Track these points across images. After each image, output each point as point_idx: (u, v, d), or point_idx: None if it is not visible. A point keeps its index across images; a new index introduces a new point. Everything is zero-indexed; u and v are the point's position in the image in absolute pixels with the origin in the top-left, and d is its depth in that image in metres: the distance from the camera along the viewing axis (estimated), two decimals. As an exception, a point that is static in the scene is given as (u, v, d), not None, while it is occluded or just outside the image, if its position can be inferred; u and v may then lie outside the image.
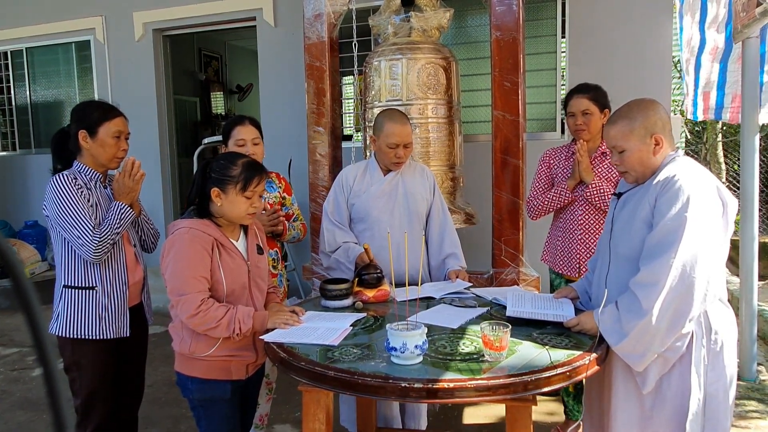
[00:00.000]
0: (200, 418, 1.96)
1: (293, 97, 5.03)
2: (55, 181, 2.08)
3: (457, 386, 1.47)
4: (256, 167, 1.94)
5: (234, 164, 1.90)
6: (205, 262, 1.84)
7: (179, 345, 1.93)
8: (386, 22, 3.36)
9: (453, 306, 2.13)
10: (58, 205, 2.04)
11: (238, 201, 1.89)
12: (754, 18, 2.94)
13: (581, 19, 4.32)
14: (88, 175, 2.17)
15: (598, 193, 2.52)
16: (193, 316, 1.79)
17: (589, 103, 2.59)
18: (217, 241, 1.89)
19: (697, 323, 1.69)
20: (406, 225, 2.50)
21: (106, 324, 2.15)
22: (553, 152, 2.79)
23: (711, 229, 1.66)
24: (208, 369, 1.90)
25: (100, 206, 2.15)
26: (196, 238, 1.85)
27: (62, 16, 5.99)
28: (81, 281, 2.14)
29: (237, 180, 1.87)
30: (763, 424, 2.79)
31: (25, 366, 4.00)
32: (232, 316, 1.82)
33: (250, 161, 1.95)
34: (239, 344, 1.91)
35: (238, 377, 1.94)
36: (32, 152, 6.57)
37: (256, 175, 1.91)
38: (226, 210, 1.91)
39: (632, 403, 1.77)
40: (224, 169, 1.89)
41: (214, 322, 1.80)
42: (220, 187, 1.88)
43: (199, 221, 1.90)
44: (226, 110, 8.90)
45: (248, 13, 5.29)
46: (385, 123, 2.45)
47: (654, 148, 1.76)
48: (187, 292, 1.80)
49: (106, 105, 2.23)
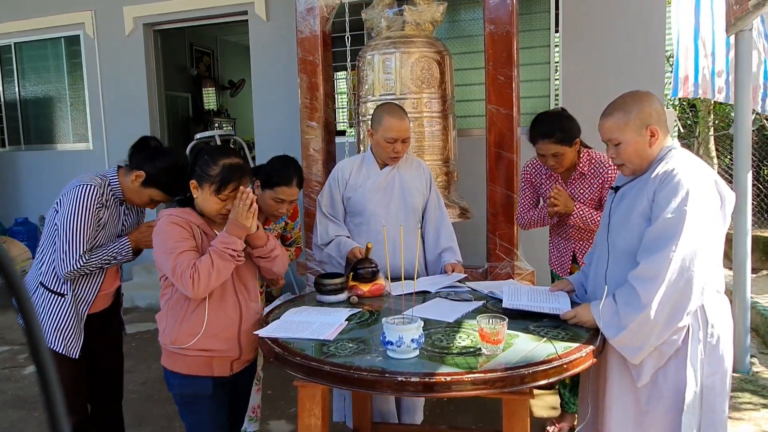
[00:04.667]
0: (184, 413, 1.96)
1: (286, 92, 4.99)
2: (81, 193, 2.04)
3: (454, 380, 1.46)
4: (235, 171, 1.86)
5: (215, 163, 1.85)
6: (189, 240, 1.83)
7: (162, 335, 1.92)
8: (379, 15, 3.34)
9: (449, 300, 2.12)
10: (69, 216, 2.03)
11: (210, 200, 1.86)
12: (747, 11, 2.95)
13: (575, 12, 4.31)
14: (115, 189, 2.14)
15: (581, 220, 2.50)
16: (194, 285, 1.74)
17: (558, 147, 2.44)
18: (200, 228, 1.88)
19: (693, 317, 1.69)
20: (402, 219, 2.48)
21: (61, 336, 2.12)
22: (533, 168, 2.72)
23: (710, 223, 1.66)
24: (189, 365, 1.88)
25: (108, 224, 2.13)
26: (176, 223, 1.84)
27: (51, 10, 5.92)
28: (54, 285, 2.12)
29: (213, 180, 1.84)
30: (756, 416, 2.81)
31: (16, 364, 3.96)
32: (217, 254, 1.78)
33: (233, 164, 1.87)
34: (222, 337, 1.88)
35: (221, 374, 1.91)
36: (22, 148, 6.50)
37: (233, 180, 1.85)
38: (200, 204, 1.89)
39: (628, 397, 1.77)
40: (205, 165, 1.86)
41: (213, 271, 1.76)
42: (198, 180, 1.87)
43: (179, 209, 1.90)
44: (218, 106, 8.85)
45: (239, 7, 5.25)
46: (384, 117, 2.42)
47: (650, 140, 1.76)
48: (181, 266, 1.76)
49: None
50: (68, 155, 6.18)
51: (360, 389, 1.59)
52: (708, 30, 4.79)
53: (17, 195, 6.41)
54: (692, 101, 7.37)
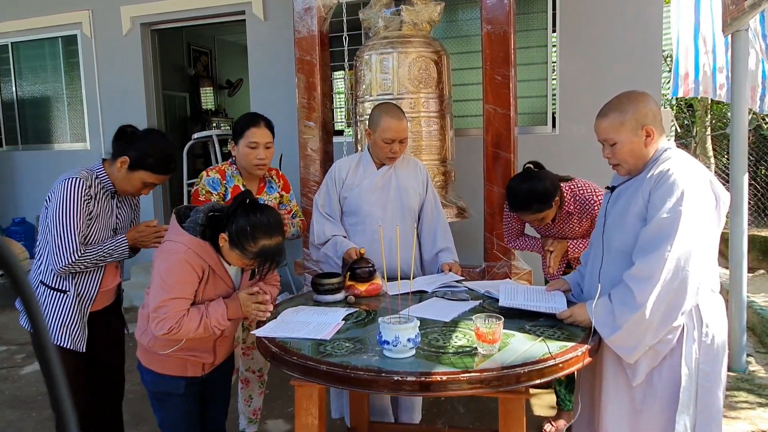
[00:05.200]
0: (155, 408, 2.01)
1: (284, 92, 4.99)
2: (69, 186, 2.03)
3: (450, 379, 1.47)
4: (272, 255, 1.80)
5: (254, 241, 1.76)
6: (194, 285, 1.82)
7: (140, 335, 1.94)
8: (377, 15, 3.35)
9: (445, 299, 2.13)
10: (60, 209, 2.02)
11: (236, 259, 1.83)
12: (744, 11, 2.95)
13: (572, 12, 4.32)
14: (103, 181, 2.13)
15: (577, 250, 2.50)
16: (168, 333, 1.77)
17: (538, 214, 2.39)
18: (211, 268, 1.84)
19: (688, 316, 1.69)
20: (398, 219, 2.48)
21: (67, 331, 2.13)
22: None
23: (705, 223, 1.67)
24: (163, 364, 1.92)
25: (99, 217, 2.12)
26: (192, 260, 1.79)
27: (48, 10, 5.91)
28: (55, 282, 2.12)
29: (248, 255, 1.78)
30: (752, 414, 2.82)
31: (14, 364, 3.96)
32: (207, 324, 1.80)
33: (270, 246, 1.78)
34: (198, 345, 1.90)
35: (194, 374, 1.95)
36: (19, 148, 6.49)
37: (266, 263, 1.82)
38: (224, 252, 1.84)
39: (623, 396, 1.78)
40: (242, 236, 1.76)
41: (191, 334, 1.80)
42: (230, 242, 1.79)
43: (199, 242, 1.82)
44: (215, 106, 8.84)
45: (237, 7, 5.24)
46: (382, 117, 2.42)
47: (645, 140, 1.77)
48: (168, 313, 1.76)
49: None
50: (65, 155, 6.17)
51: (356, 388, 1.59)
52: (708, 28, 4.82)
53: (14, 195, 6.40)
54: (689, 101, 7.39)
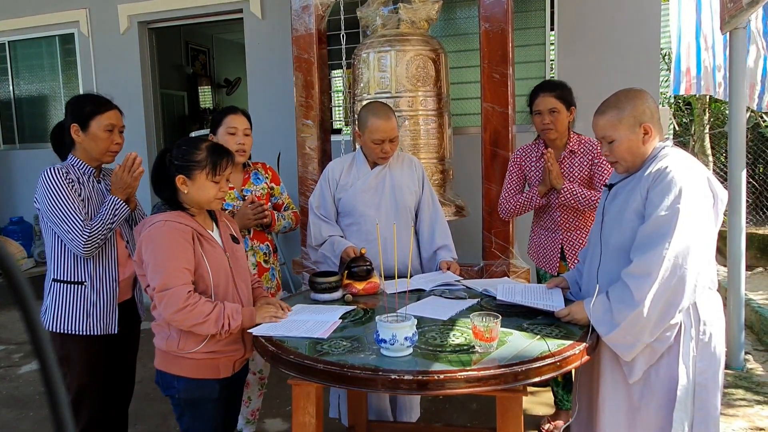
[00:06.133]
0: (183, 416, 1.90)
1: (281, 90, 4.98)
2: (47, 175, 2.05)
3: (448, 378, 1.47)
4: (221, 150, 1.87)
5: (198, 149, 1.83)
6: (188, 253, 1.78)
7: (165, 342, 1.85)
8: (375, 13, 3.34)
9: (443, 298, 2.13)
10: (49, 199, 2.02)
11: (206, 186, 1.83)
12: (741, 8, 2.95)
13: (570, 10, 4.31)
14: (81, 169, 2.14)
15: (571, 196, 2.52)
16: (180, 310, 1.71)
17: (556, 102, 2.56)
18: (196, 232, 1.83)
19: (685, 314, 1.69)
20: (393, 218, 2.47)
21: (94, 320, 2.12)
22: (524, 152, 2.77)
23: (702, 221, 1.67)
24: (196, 368, 1.83)
25: (91, 201, 2.11)
26: (175, 230, 1.78)
27: (46, 8, 5.89)
28: (70, 276, 2.11)
29: (204, 164, 1.81)
30: (750, 412, 2.82)
31: (11, 363, 3.95)
32: (220, 312, 1.76)
33: (214, 144, 1.89)
34: (228, 339, 1.86)
35: (226, 375, 1.89)
36: (16, 147, 6.48)
37: (223, 158, 1.85)
38: (194, 196, 1.84)
39: (620, 394, 1.78)
40: (188, 155, 1.82)
41: (202, 317, 1.73)
42: (186, 173, 1.82)
43: (173, 213, 1.83)
44: (213, 104, 8.82)
45: (235, 5, 5.23)
46: (369, 118, 2.40)
47: (643, 138, 1.77)
48: (171, 286, 1.72)
49: (100, 98, 2.19)
50: (63, 154, 6.15)
51: (354, 387, 1.59)
52: (709, 25, 4.81)
53: (12, 194, 6.38)
54: (687, 99, 7.38)
